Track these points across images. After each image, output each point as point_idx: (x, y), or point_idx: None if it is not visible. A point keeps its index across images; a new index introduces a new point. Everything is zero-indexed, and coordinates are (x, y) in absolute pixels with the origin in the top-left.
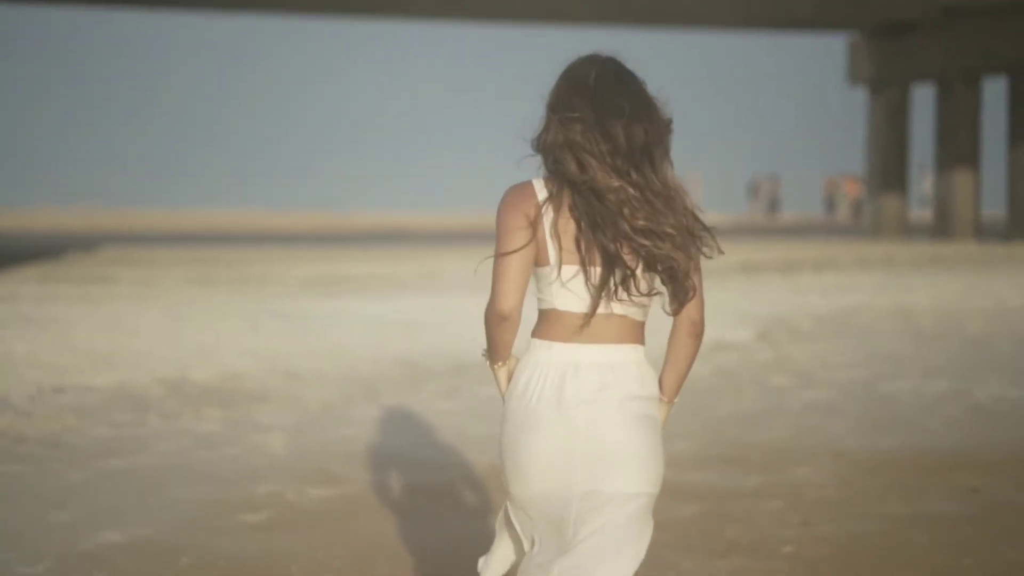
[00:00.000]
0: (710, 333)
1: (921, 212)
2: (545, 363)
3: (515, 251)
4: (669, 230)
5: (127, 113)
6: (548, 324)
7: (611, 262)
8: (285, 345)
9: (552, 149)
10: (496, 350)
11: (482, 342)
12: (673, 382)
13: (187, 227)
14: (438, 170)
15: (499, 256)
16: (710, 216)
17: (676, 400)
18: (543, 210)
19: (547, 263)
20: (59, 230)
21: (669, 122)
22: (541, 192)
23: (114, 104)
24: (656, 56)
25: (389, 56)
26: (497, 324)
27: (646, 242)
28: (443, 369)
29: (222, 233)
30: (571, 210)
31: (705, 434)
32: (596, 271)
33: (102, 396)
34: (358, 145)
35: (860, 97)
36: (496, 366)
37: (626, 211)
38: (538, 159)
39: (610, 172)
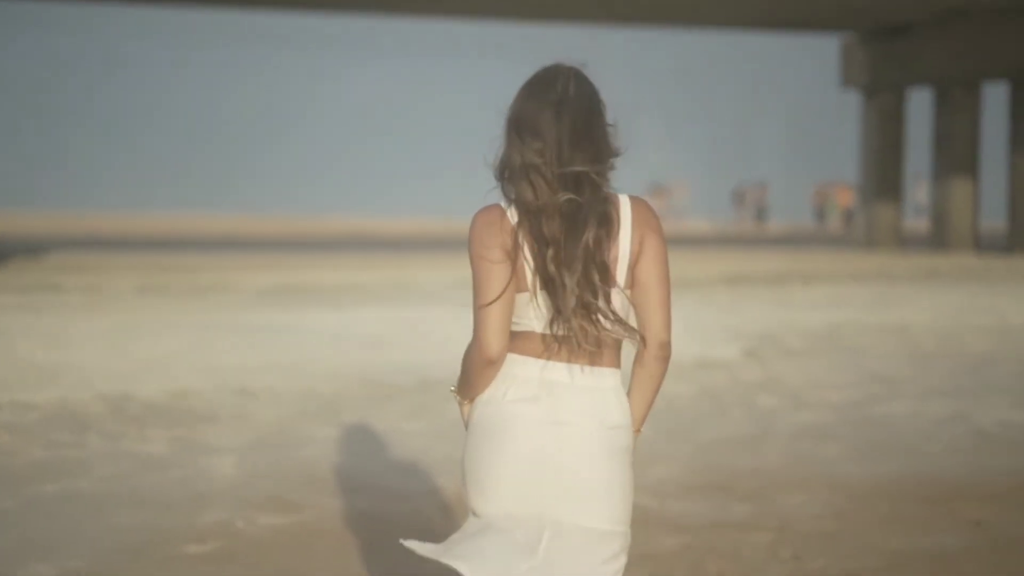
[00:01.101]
0: (693, 350)
1: (916, 222)
2: (522, 376)
3: (500, 297)
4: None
5: (77, 110)
6: (524, 342)
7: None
8: (239, 359)
9: (513, 170)
10: (473, 390)
11: (453, 372)
12: (639, 410)
13: (141, 232)
14: (413, 175)
15: (479, 298)
16: (693, 225)
17: (642, 430)
18: (519, 237)
19: (525, 289)
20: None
21: (614, 152)
22: (514, 217)
23: (65, 99)
24: (634, 56)
25: (366, 55)
26: (482, 369)
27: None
28: (409, 386)
29: (179, 238)
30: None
31: (688, 460)
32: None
33: (40, 414)
34: (330, 148)
35: (853, 101)
36: (464, 403)
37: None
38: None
39: (557, 194)
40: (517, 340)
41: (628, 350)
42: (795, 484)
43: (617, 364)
